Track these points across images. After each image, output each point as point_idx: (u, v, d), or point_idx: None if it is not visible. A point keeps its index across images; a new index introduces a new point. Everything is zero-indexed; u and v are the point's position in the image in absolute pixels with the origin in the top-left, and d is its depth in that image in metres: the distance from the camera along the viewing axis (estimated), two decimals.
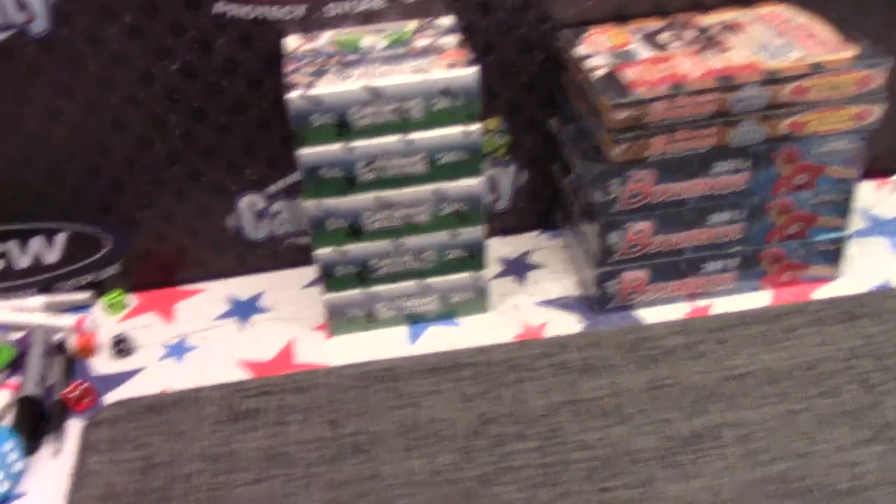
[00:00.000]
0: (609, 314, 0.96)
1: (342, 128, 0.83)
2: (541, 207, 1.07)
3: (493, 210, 1.07)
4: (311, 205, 0.87)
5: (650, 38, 0.92)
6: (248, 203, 1.02)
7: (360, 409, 0.86)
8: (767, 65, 0.85)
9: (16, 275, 1.02)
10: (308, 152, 0.84)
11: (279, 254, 1.05)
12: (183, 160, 0.97)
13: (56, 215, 0.99)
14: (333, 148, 0.84)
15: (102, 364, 0.95)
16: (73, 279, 1.04)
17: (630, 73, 0.86)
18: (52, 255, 1.01)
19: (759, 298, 0.97)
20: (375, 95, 0.82)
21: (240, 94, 0.94)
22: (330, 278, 0.92)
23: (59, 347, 0.96)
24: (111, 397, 0.91)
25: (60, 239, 1.00)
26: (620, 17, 0.96)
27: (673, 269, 0.95)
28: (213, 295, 1.04)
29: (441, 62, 0.84)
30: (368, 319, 0.96)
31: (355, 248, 0.90)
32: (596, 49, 0.91)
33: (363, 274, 0.92)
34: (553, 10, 0.95)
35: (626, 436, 0.81)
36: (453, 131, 0.85)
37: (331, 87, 0.81)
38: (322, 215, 0.88)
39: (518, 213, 1.08)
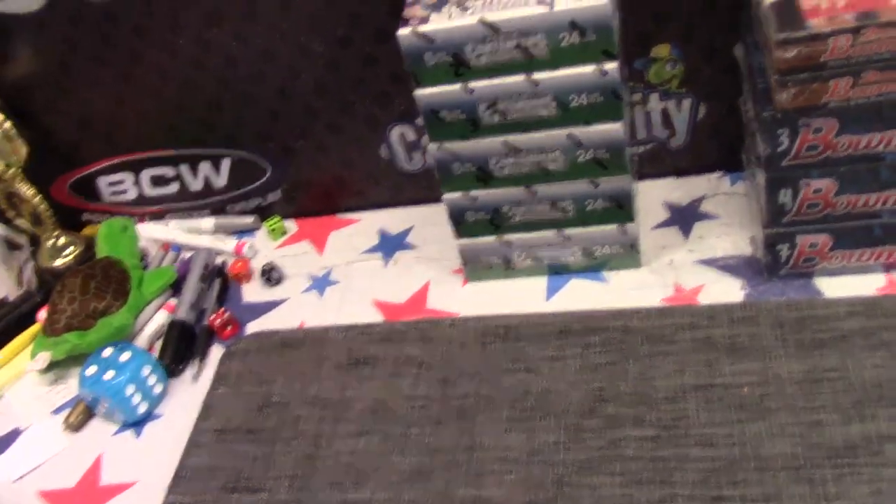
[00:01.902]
0: (781, 281, 0.82)
1: (460, 66, 0.75)
2: (724, 145, 0.93)
3: (668, 147, 0.94)
4: (434, 148, 0.81)
5: None
6: (399, 134, 0.97)
7: (474, 368, 0.81)
8: None
9: (190, 196, 1.07)
10: (425, 93, 0.77)
11: (434, 186, 1.00)
12: (331, 91, 0.95)
13: (220, 142, 1.01)
14: (452, 88, 0.77)
15: (253, 291, 0.98)
16: (242, 203, 1.06)
17: None
18: (221, 181, 1.05)
19: None
20: (493, 31, 0.73)
21: (381, 21, 0.88)
22: (461, 224, 0.86)
23: (219, 271, 1.00)
24: (253, 327, 0.93)
25: (226, 165, 1.03)
26: None
27: (864, 234, 0.78)
28: (366, 226, 1.02)
29: None
30: (506, 268, 0.89)
31: (485, 194, 0.83)
32: None
33: (496, 220, 0.85)
34: None
35: (761, 436, 0.70)
36: (585, 70, 0.74)
37: (443, 23, 0.73)
38: (448, 158, 0.82)
39: (696, 151, 0.94)
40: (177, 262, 1.03)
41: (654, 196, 0.94)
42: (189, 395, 0.88)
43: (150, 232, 1.07)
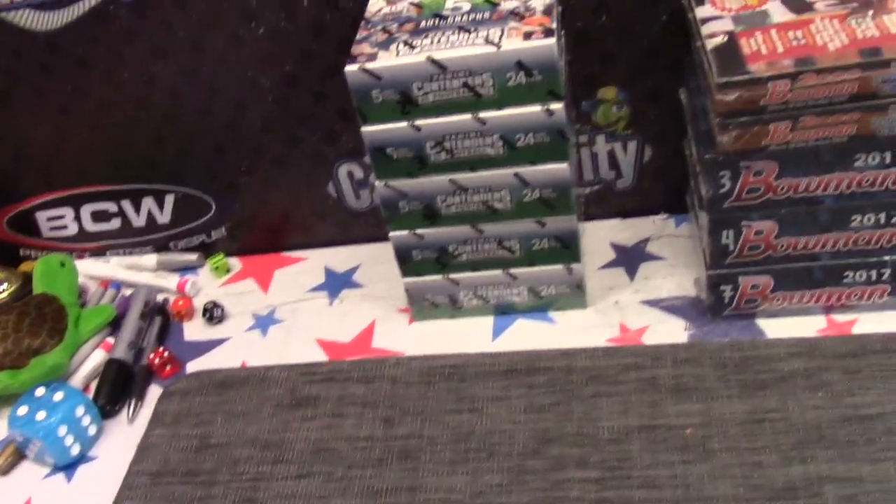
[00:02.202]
0: (724, 322, 0.82)
1: (406, 104, 0.75)
2: (670, 187, 0.94)
3: (614, 189, 0.95)
4: (380, 185, 0.81)
5: None
6: (347, 171, 0.97)
7: (418, 408, 0.80)
8: None
9: (132, 232, 1.05)
10: (372, 130, 0.77)
11: (381, 224, 1.00)
12: (279, 127, 0.94)
13: (163, 177, 1.00)
14: (399, 126, 0.76)
15: (195, 330, 0.96)
16: (185, 239, 1.05)
17: (752, 43, 0.71)
18: (164, 217, 1.03)
19: None
20: (440, 69, 0.73)
21: (330, 58, 0.88)
22: (407, 263, 0.86)
23: (160, 309, 0.98)
24: (194, 366, 0.91)
25: (169, 201, 1.01)
26: None
27: (805, 276, 0.79)
28: (313, 264, 1.01)
29: (520, 30, 0.73)
30: (453, 307, 0.89)
31: (431, 233, 0.83)
32: (722, 9, 0.76)
33: (443, 259, 0.85)
34: None
35: (704, 477, 0.69)
36: (532, 110, 0.74)
37: (390, 61, 0.73)
38: (394, 196, 0.81)
39: (642, 192, 0.95)
40: (116, 299, 1.01)
41: (600, 237, 0.94)
42: (125, 436, 0.85)
43: (90, 269, 1.05)
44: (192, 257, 1.04)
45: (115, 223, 1.04)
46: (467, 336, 0.87)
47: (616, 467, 0.72)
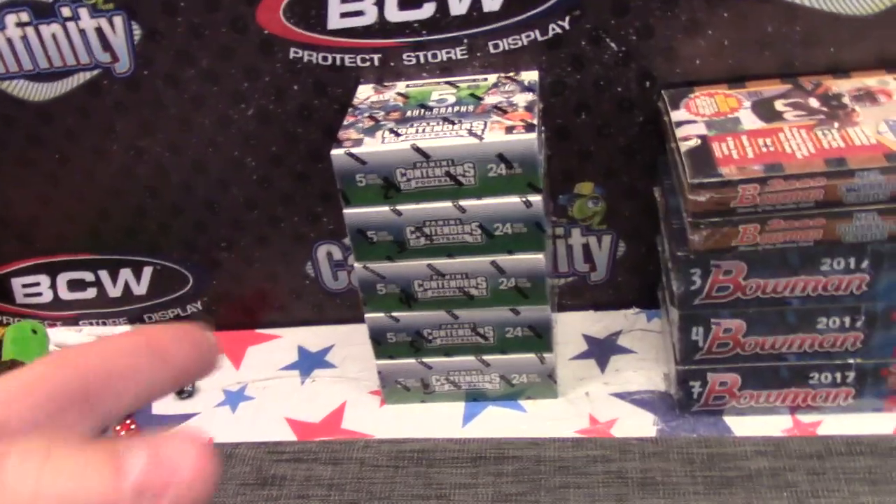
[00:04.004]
0: (693, 418, 0.83)
1: (389, 189, 0.77)
2: (642, 283, 0.96)
3: (588, 282, 0.97)
4: (359, 268, 0.82)
5: (764, 105, 0.79)
6: (326, 252, 0.98)
7: (384, 492, 0.79)
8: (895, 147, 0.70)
9: (108, 302, 1.05)
10: (354, 212, 0.79)
11: (358, 306, 1.01)
12: (261, 205, 0.95)
13: (143, 249, 1.00)
14: (381, 210, 0.78)
15: (163, 404, 0.95)
16: (160, 312, 1.05)
17: (724, 147, 0.74)
18: (140, 289, 1.03)
19: (881, 423, 0.80)
20: (424, 157, 0.75)
21: (315, 142, 0.90)
22: (381, 345, 0.86)
23: None
24: None
25: (147, 273, 1.02)
26: (737, 77, 0.83)
27: (772, 375, 0.80)
28: (286, 342, 1.01)
29: (502, 124, 0.76)
30: (424, 391, 0.89)
31: (407, 316, 0.84)
32: (696, 114, 0.79)
33: (417, 343, 0.86)
34: (656, 67, 0.84)
35: None
36: (511, 200, 0.77)
37: (376, 147, 0.75)
38: (372, 279, 0.82)
39: (615, 286, 0.97)
40: None
41: (573, 327, 0.96)
42: None
43: (62, 338, 1.04)
44: None
45: (91, 292, 1.04)
46: (437, 421, 0.87)
47: None
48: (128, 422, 0.90)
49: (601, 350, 0.93)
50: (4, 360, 0.95)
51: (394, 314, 0.84)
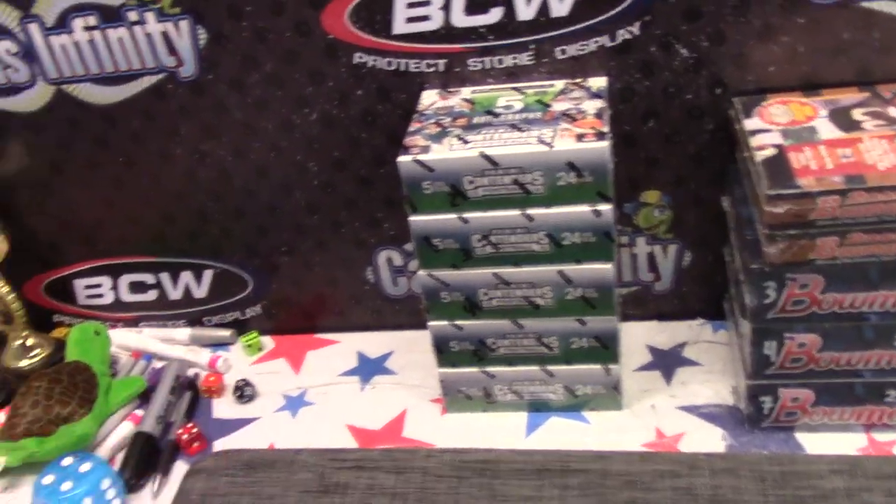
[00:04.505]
0: (763, 434, 0.81)
1: (456, 196, 0.76)
2: (708, 293, 0.94)
3: (652, 291, 0.95)
4: (423, 275, 0.81)
5: (841, 114, 0.76)
6: (386, 258, 0.97)
7: (447, 503, 0.78)
8: None
9: (168, 305, 1.05)
10: (420, 219, 0.78)
11: (417, 312, 1.00)
12: (323, 210, 0.95)
13: (204, 253, 1.01)
14: (447, 217, 0.77)
15: (224, 407, 0.95)
16: (219, 315, 1.05)
17: (802, 157, 0.72)
18: (201, 292, 1.04)
19: None
20: (492, 165, 0.74)
21: (379, 147, 0.90)
22: (444, 353, 0.85)
23: (190, 384, 0.98)
24: (221, 444, 0.90)
25: (207, 276, 1.02)
26: (811, 85, 0.81)
27: (846, 392, 0.78)
28: (345, 348, 1.01)
29: (572, 132, 0.74)
30: (487, 401, 0.88)
31: (471, 325, 0.83)
32: (770, 123, 0.77)
33: (480, 352, 0.85)
34: (727, 74, 0.82)
35: None
36: (580, 209, 0.75)
37: (444, 154, 0.75)
38: (437, 286, 0.81)
39: (680, 296, 0.95)
40: (147, 371, 1.00)
41: (636, 338, 0.94)
42: None
43: (123, 339, 1.05)
44: (226, 334, 1.04)
45: (152, 294, 1.05)
46: (500, 431, 0.87)
47: None
48: (189, 425, 0.90)
49: (666, 361, 0.91)
50: (69, 361, 0.96)
51: (457, 322, 0.83)
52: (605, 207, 0.75)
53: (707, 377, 0.88)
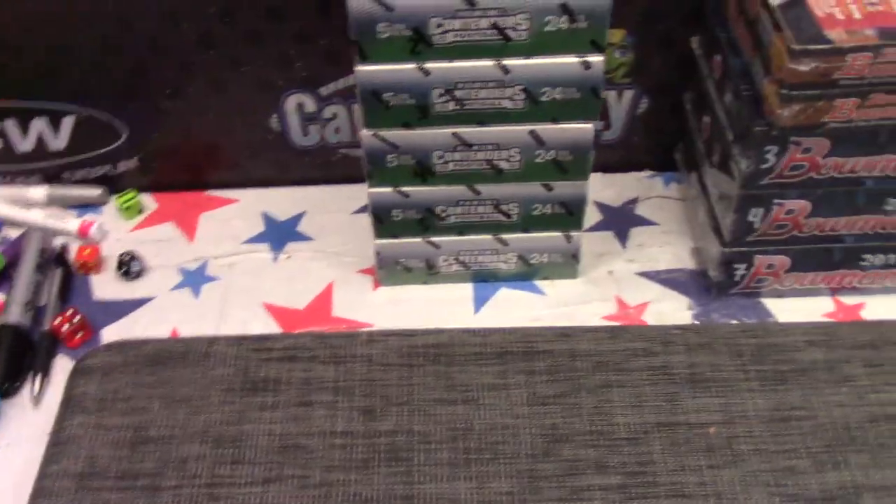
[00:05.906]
0: (729, 300, 0.76)
1: (418, 43, 0.62)
2: (659, 144, 0.85)
3: (598, 141, 0.85)
4: (367, 135, 0.67)
5: None
6: (296, 103, 0.82)
7: (402, 396, 0.69)
8: None
9: (17, 158, 0.85)
10: (369, 69, 0.63)
11: (330, 165, 0.86)
12: (218, 44, 0.77)
13: (63, 95, 0.81)
14: (404, 68, 0.63)
15: (106, 285, 0.79)
16: (84, 170, 0.86)
17: (823, 3, 0.62)
18: (59, 142, 0.84)
19: None
20: (468, 4, 0.60)
21: None
22: (383, 223, 0.73)
23: (59, 258, 0.81)
24: (110, 333, 0.75)
25: (68, 122, 0.83)
26: None
27: (824, 257, 0.73)
28: (246, 208, 0.86)
29: None
30: (428, 272, 0.77)
31: (420, 191, 0.71)
32: None
33: (427, 221, 0.73)
34: None
35: (735, 484, 0.63)
36: (566, 61, 0.63)
37: None
38: (382, 148, 0.68)
39: (629, 146, 0.86)
40: (0, 242, 0.82)
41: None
42: (29, 422, 0.69)
43: None
44: (95, 192, 0.86)
45: None
46: (445, 305, 0.77)
47: (638, 472, 0.64)
48: (69, 312, 0.74)
49: (618, 220, 0.83)
50: None
51: (403, 189, 0.71)
52: (597, 59, 0.63)
53: (665, 238, 0.81)
